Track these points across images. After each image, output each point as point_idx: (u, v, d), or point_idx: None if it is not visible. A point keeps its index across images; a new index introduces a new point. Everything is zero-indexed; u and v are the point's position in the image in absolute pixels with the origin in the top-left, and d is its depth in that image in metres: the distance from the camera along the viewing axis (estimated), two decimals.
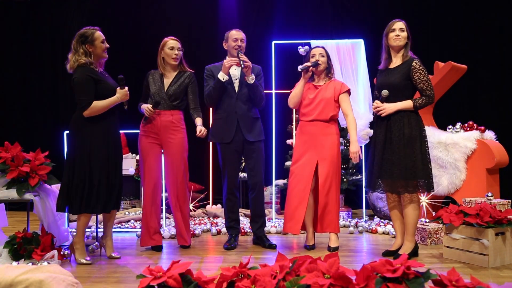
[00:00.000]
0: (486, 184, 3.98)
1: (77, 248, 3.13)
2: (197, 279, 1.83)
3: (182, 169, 3.45)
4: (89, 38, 3.08)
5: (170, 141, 3.42)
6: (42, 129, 5.95)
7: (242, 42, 3.51)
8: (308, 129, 3.41)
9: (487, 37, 5.66)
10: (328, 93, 3.37)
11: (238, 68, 3.53)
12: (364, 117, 4.37)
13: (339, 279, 1.71)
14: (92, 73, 3.06)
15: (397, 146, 3.03)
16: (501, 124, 5.06)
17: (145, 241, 3.43)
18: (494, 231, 2.92)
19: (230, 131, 3.47)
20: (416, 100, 3.05)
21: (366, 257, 3.22)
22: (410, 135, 3.02)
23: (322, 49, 3.44)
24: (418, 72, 3.03)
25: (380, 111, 3.08)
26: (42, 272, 1.98)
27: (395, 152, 3.03)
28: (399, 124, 3.05)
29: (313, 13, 5.94)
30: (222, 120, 3.52)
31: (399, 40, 3.08)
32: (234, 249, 3.48)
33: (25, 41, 6.10)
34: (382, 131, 3.11)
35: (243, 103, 3.49)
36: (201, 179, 5.50)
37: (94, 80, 3.05)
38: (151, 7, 6.07)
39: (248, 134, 3.48)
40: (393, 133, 3.05)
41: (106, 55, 3.19)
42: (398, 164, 3.01)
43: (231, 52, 3.52)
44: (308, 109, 3.41)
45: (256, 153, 3.51)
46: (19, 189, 3.21)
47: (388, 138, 3.07)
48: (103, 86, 3.08)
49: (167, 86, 3.45)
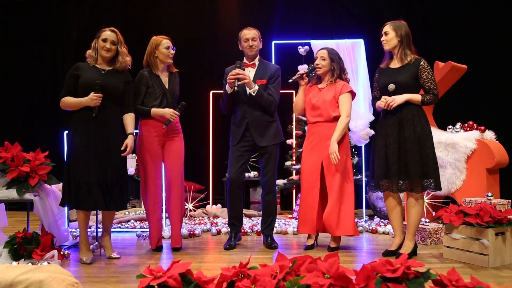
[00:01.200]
0: (486, 184, 3.98)
1: (81, 248, 3.14)
2: (197, 279, 1.83)
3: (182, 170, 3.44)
4: (98, 34, 3.22)
5: (173, 141, 3.41)
6: (42, 129, 5.95)
7: (254, 41, 3.47)
8: (313, 131, 3.43)
9: (487, 37, 5.66)
10: (329, 95, 3.37)
11: (252, 73, 3.49)
12: (364, 117, 4.36)
13: (339, 279, 1.71)
14: (78, 70, 3.16)
15: (411, 146, 3.04)
16: (501, 124, 5.06)
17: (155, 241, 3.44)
18: (494, 231, 2.92)
19: (238, 134, 3.49)
20: (424, 95, 3.09)
21: (366, 257, 3.22)
22: (422, 133, 3.05)
23: (325, 52, 3.42)
24: (427, 72, 3.08)
25: (390, 103, 3.07)
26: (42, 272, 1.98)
27: (409, 152, 3.04)
28: (412, 123, 3.06)
29: (313, 13, 5.94)
30: (234, 125, 3.55)
31: (384, 44, 3.17)
32: (234, 249, 3.48)
33: (25, 41, 6.10)
34: (395, 130, 3.09)
35: (253, 108, 3.46)
36: (201, 179, 5.50)
37: (75, 76, 3.14)
38: (151, 7, 6.07)
39: (260, 139, 3.47)
40: (406, 132, 3.06)
41: (107, 55, 3.18)
42: (413, 163, 3.02)
43: (245, 53, 3.51)
44: (312, 112, 3.42)
45: (268, 154, 3.50)
46: (19, 189, 3.21)
47: (402, 137, 3.07)
48: (81, 79, 3.13)
49: (167, 86, 3.43)
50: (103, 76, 3.16)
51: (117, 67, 3.22)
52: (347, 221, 3.30)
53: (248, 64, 3.52)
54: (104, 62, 3.21)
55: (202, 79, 5.72)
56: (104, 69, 3.20)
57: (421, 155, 3.03)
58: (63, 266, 2.98)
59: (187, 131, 3.65)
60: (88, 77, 3.12)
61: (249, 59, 3.54)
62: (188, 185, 5.10)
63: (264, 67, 3.53)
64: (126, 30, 6.01)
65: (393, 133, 3.10)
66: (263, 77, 3.48)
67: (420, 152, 3.03)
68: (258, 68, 3.52)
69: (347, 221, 3.30)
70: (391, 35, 3.13)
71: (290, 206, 5.54)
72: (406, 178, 3.06)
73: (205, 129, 5.49)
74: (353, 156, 5.15)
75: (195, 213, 5.02)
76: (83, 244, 3.14)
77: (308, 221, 3.37)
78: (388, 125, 3.13)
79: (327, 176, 3.33)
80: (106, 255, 3.23)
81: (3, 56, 6.12)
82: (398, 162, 3.06)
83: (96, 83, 3.07)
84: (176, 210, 3.42)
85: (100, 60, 3.21)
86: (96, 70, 3.18)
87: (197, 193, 5.23)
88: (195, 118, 5.61)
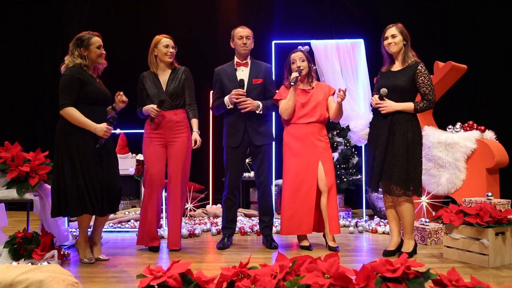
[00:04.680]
0: (486, 184, 3.98)
1: (81, 248, 3.13)
2: (197, 279, 1.83)
3: (184, 170, 3.42)
4: (85, 42, 3.07)
5: (175, 141, 3.39)
6: (42, 129, 5.95)
7: (248, 39, 3.50)
8: (304, 131, 3.41)
9: (487, 37, 5.66)
10: (320, 95, 3.44)
11: (246, 72, 3.51)
12: (364, 117, 4.36)
13: (339, 279, 1.71)
14: (82, 75, 3.02)
15: (399, 150, 3.05)
16: (501, 124, 5.06)
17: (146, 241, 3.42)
18: (494, 231, 2.92)
19: (238, 136, 3.47)
20: (417, 103, 3.08)
21: (366, 257, 3.22)
22: (413, 140, 3.07)
23: (301, 53, 3.46)
24: (423, 76, 3.08)
25: (380, 108, 3.08)
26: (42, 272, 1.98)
27: (396, 155, 3.05)
28: (403, 129, 3.07)
29: (313, 13, 5.95)
30: (230, 125, 3.52)
31: (392, 47, 3.15)
32: (234, 249, 3.47)
33: (25, 41, 6.10)
34: (384, 132, 3.11)
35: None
36: (201, 179, 5.50)
37: (81, 81, 3.00)
38: (151, 7, 6.08)
39: (256, 138, 3.48)
40: (396, 136, 3.07)
41: (103, 61, 3.16)
42: (398, 167, 3.03)
43: (238, 51, 3.52)
44: (304, 111, 3.41)
45: (262, 154, 3.52)
46: (19, 189, 3.21)
47: (391, 140, 3.08)
48: (91, 88, 3.03)
49: (165, 85, 3.42)
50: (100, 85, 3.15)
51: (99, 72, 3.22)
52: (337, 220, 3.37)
53: (241, 63, 3.54)
54: (92, 69, 3.16)
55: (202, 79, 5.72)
56: (95, 77, 3.16)
57: (409, 160, 3.05)
58: (63, 266, 2.98)
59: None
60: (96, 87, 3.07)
61: (241, 58, 3.54)
62: (188, 185, 5.10)
63: (256, 66, 3.56)
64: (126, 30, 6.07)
65: (382, 135, 3.12)
66: (258, 76, 3.51)
67: (408, 157, 3.04)
68: (251, 67, 3.53)
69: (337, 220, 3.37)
70: (399, 38, 3.13)
71: None
72: (387, 180, 3.08)
73: (205, 129, 5.48)
74: (353, 156, 5.15)
75: (195, 213, 5.02)
76: (82, 245, 3.14)
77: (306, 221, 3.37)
78: (380, 127, 3.15)
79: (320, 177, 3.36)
80: (94, 256, 3.16)
81: (3, 56, 6.12)
82: (382, 165, 3.09)
83: (112, 117, 3.09)
84: (174, 212, 3.41)
85: (90, 68, 3.13)
86: (94, 79, 3.11)
87: (197, 193, 5.23)
88: None
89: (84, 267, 3.00)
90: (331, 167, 3.40)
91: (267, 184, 3.54)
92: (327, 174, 3.35)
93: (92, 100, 3.04)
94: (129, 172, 4.39)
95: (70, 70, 3.02)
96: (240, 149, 3.50)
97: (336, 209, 3.38)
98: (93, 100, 3.04)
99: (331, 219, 3.33)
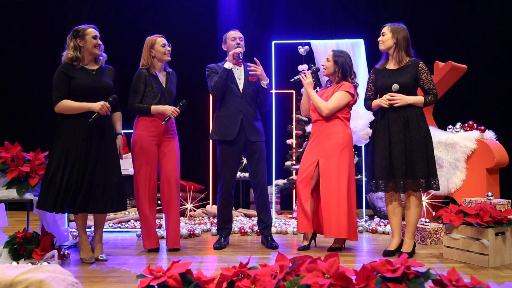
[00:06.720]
0: (486, 184, 3.98)
1: (81, 248, 3.14)
2: (197, 279, 1.83)
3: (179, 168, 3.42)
4: (80, 33, 3.08)
5: (169, 140, 3.40)
6: (42, 129, 5.95)
7: (241, 40, 3.55)
8: (313, 130, 3.46)
9: (487, 37, 5.66)
10: (330, 94, 3.40)
11: (241, 69, 3.56)
12: (364, 117, 4.36)
13: (339, 279, 1.71)
14: (68, 69, 3.02)
15: (419, 145, 3.07)
16: (501, 124, 5.06)
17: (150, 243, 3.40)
18: (494, 231, 2.92)
19: (234, 129, 3.46)
20: (426, 96, 3.15)
21: (366, 257, 3.22)
22: (427, 134, 3.12)
23: (331, 54, 3.45)
24: (426, 73, 3.14)
25: (394, 101, 3.09)
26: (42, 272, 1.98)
27: (417, 151, 3.07)
28: (418, 123, 3.10)
29: (313, 13, 5.95)
30: (226, 118, 3.51)
31: (380, 45, 3.23)
32: (234, 249, 3.48)
33: (25, 41, 6.10)
34: (399, 130, 3.10)
35: (247, 103, 3.52)
36: (201, 179, 5.50)
37: (67, 76, 3.00)
38: (151, 7, 6.07)
39: (251, 134, 3.50)
40: (411, 131, 3.09)
41: (99, 52, 3.12)
42: (421, 162, 3.06)
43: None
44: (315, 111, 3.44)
45: (258, 153, 3.52)
46: (19, 189, 3.21)
47: (408, 137, 3.09)
48: (74, 82, 3.01)
49: (165, 86, 3.42)
50: (94, 77, 3.07)
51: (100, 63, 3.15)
52: (340, 223, 3.20)
53: (235, 63, 3.55)
54: (92, 61, 3.13)
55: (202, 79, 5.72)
56: (92, 69, 3.11)
57: (428, 155, 3.09)
58: (63, 266, 2.98)
59: (187, 131, 3.65)
60: (82, 81, 3.01)
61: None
62: (188, 185, 5.10)
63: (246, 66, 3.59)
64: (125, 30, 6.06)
65: (398, 132, 3.11)
66: (254, 75, 3.55)
67: (427, 152, 3.09)
68: (245, 67, 3.59)
69: (341, 224, 3.20)
70: (388, 36, 3.18)
71: (290, 206, 5.55)
72: (411, 178, 3.09)
73: (205, 129, 5.49)
74: None
75: (195, 213, 5.02)
76: (82, 244, 3.14)
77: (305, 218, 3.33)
78: (392, 125, 3.14)
79: (321, 175, 3.32)
80: (95, 255, 3.16)
81: (3, 56, 6.12)
82: (405, 162, 3.08)
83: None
84: (174, 211, 3.40)
85: (87, 60, 3.10)
86: (86, 72, 3.06)
87: (197, 193, 5.23)
88: (195, 118, 5.62)
89: (84, 267, 3.00)
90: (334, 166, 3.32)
91: (264, 184, 3.54)
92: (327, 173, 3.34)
93: (81, 94, 3.01)
94: (129, 172, 4.39)
95: (59, 67, 3.06)
96: (235, 146, 3.49)
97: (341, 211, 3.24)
98: (81, 94, 3.01)
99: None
